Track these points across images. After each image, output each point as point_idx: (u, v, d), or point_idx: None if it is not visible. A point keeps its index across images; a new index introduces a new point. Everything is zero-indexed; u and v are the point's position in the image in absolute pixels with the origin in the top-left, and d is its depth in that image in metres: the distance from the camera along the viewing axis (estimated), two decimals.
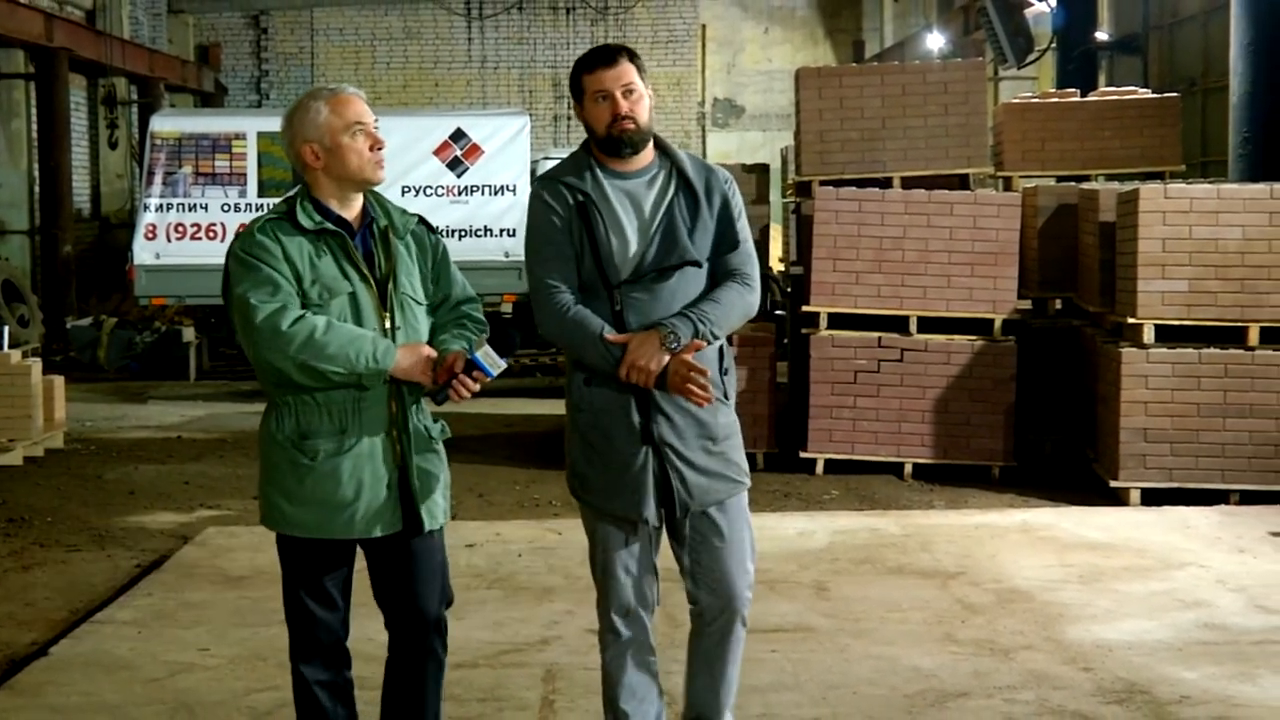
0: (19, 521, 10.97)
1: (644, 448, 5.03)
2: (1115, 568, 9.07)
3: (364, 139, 4.82)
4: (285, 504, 4.81)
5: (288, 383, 4.71)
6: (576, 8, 36.32)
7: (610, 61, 5.07)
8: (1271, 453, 10.99)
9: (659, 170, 5.18)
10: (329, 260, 4.78)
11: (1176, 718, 6.45)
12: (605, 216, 5.04)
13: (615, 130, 5.03)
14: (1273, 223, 11.02)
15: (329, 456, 4.75)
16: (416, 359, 4.76)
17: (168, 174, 18.76)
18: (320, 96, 4.85)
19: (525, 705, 6.64)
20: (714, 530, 5.13)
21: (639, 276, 5.01)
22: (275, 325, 4.61)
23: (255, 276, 4.70)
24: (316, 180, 4.87)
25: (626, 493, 5.08)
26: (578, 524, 10.41)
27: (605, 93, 5.03)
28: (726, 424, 5.16)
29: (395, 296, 4.85)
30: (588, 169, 5.13)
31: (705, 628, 5.22)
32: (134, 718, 6.57)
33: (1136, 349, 11.13)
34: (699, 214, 5.09)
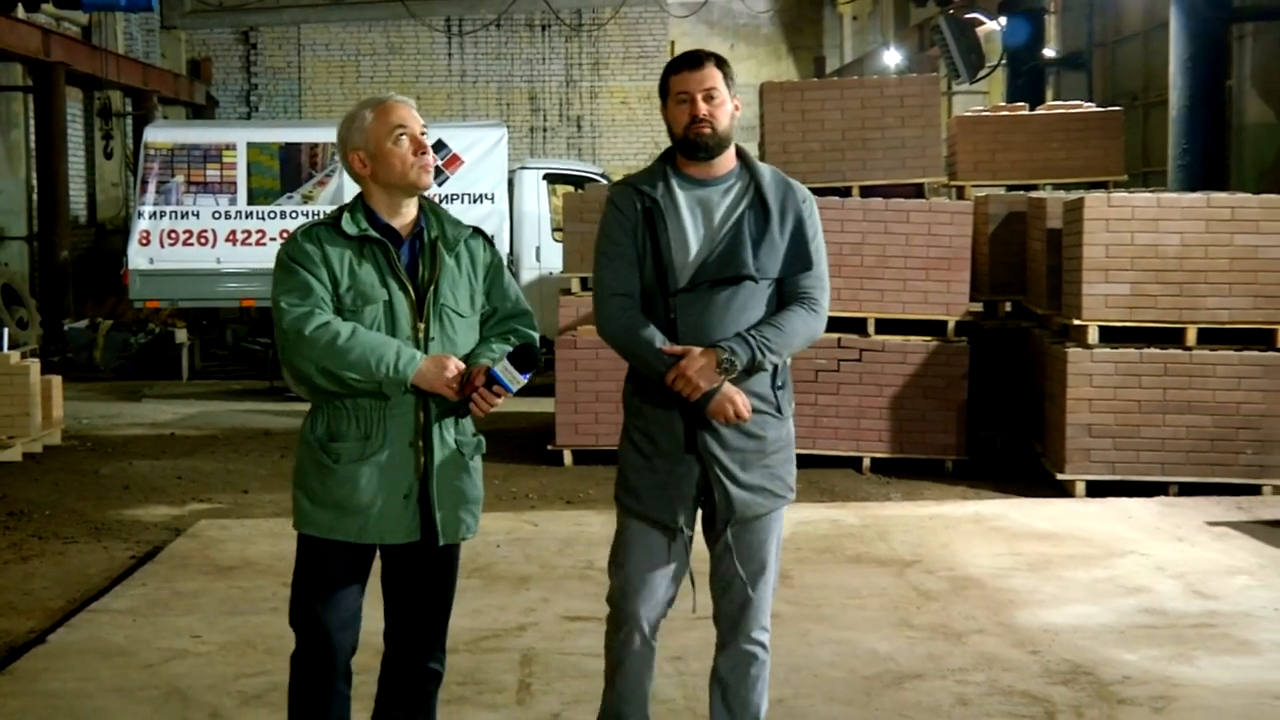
0: (18, 515, 10.94)
1: (688, 457, 4.82)
2: (1061, 556, 9.10)
3: (408, 143, 4.63)
4: (306, 502, 4.66)
5: (317, 387, 4.56)
6: (551, 25, 36.28)
7: (696, 65, 4.89)
8: (1208, 447, 11.05)
9: (736, 181, 4.93)
10: (369, 268, 4.60)
11: (1118, 697, 6.49)
12: (671, 223, 4.84)
13: (691, 132, 4.82)
14: (1209, 230, 11.07)
15: (351, 461, 4.58)
16: (440, 372, 4.52)
17: (161, 183, 18.71)
18: (367, 105, 4.71)
19: (503, 688, 6.65)
20: (749, 543, 4.91)
21: (695, 285, 4.79)
22: (299, 329, 4.47)
23: (291, 281, 4.56)
24: (368, 189, 4.71)
25: (666, 499, 4.85)
26: (554, 516, 10.48)
27: (687, 94, 4.84)
28: (777, 438, 4.91)
29: (434, 307, 4.63)
30: (662, 176, 4.92)
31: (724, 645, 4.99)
32: (129, 702, 6.55)
33: (1081, 349, 11.18)
34: (768, 230, 4.83)
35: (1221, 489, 10.97)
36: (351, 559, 4.67)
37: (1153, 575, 8.62)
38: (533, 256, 18.81)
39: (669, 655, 6.48)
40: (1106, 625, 7.60)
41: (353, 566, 4.69)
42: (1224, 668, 6.90)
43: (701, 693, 5.04)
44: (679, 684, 6.51)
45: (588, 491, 11.43)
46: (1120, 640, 7.33)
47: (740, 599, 4.91)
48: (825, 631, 7.44)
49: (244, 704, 6.48)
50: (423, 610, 4.79)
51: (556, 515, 10.47)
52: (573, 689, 6.64)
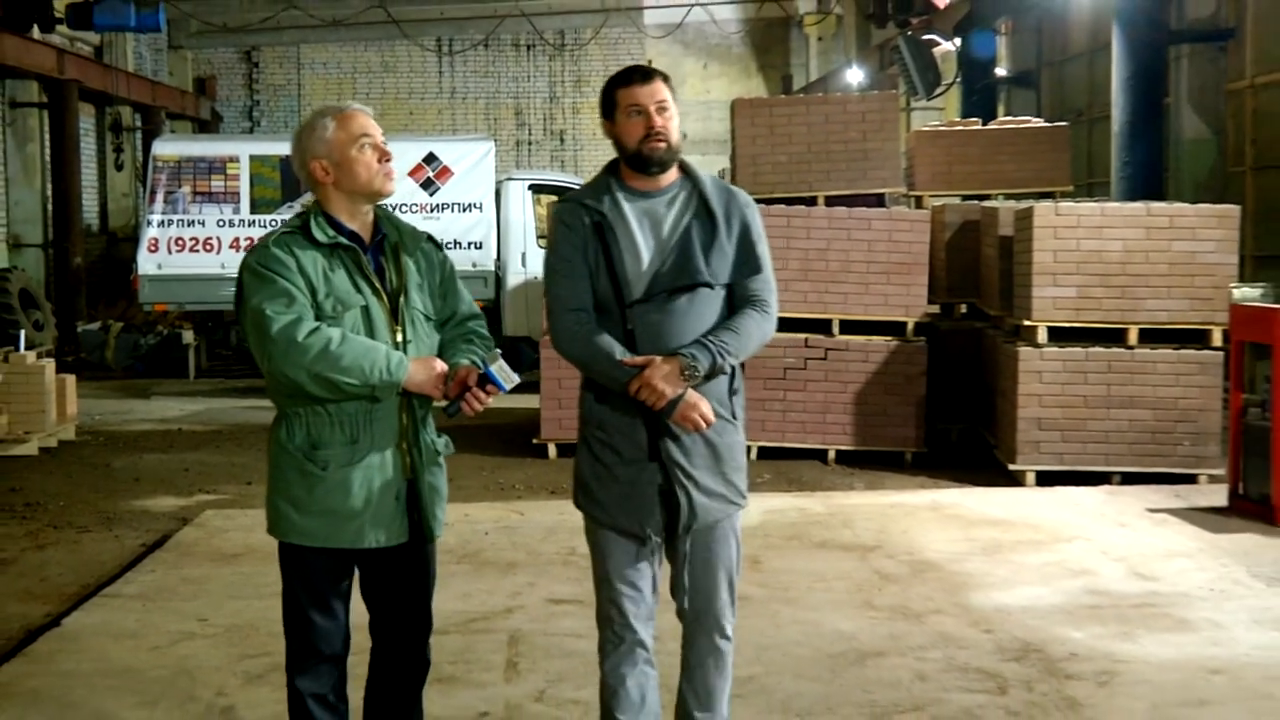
0: (34, 505, 10.91)
1: (651, 465, 4.57)
2: (1013, 541, 9.12)
3: (372, 151, 4.42)
4: (293, 513, 4.40)
5: (300, 394, 4.30)
6: (536, 45, 36.34)
7: (647, 78, 4.62)
8: (1149, 439, 11.08)
9: (680, 191, 4.66)
10: (342, 274, 4.38)
11: (1066, 673, 6.50)
12: (621, 236, 4.57)
13: (647, 147, 4.55)
14: (1149, 237, 11.10)
15: (340, 467, 4.35)
16: (429, 372, 4.36)
17: (168, 193, 18.69)
18: (327, 113, 4.46)
19: (491, 666, 6.65)
20: (707, 548, 4.69)
21: (651, 296, 4.54)
22: (291, 337, 4.21)
23: (271, 289, 4.29)
24: (328, 196, 4.46)
25: (632, 508, 4.60)
26: (539, 505, 10.46)
27: (640, 107, 4.56)
28: (732, 444, 4.70)
29: (406, 311, 4.45)
30: (607, 190, 4.65)
31: (691, 640, 4.79)
32: (139, 682, 6.53)
33: (1031, 348, 11.20)
34: (716, 236, 4.59)
35: (1161, 478, 10.99)
36: (339, 564, 4.49)
37: (1097, 559, 8.64)
38: (519, 262, 18.79)
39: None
40: (1055, 605, 7.61)
41: (341, 571, 4.51)
42: (1163, 644, 6.92)
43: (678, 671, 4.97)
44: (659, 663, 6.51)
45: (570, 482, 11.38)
46: (1068, 619, 7.34)
47: (703, 602, 4.72)
48: (793, 613, 7.45)
49: (248, 683, 6.47)
50: (411, 605, 4.60)
51: (542, 504, 10.47)
52: (557, 668, 6.64)
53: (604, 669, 4.76)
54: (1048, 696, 6.20)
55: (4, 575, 8.83)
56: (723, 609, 4.74)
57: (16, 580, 8.71)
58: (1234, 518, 9.72)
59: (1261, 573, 8.25)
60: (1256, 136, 15.48)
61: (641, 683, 4.73)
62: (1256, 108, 15.45)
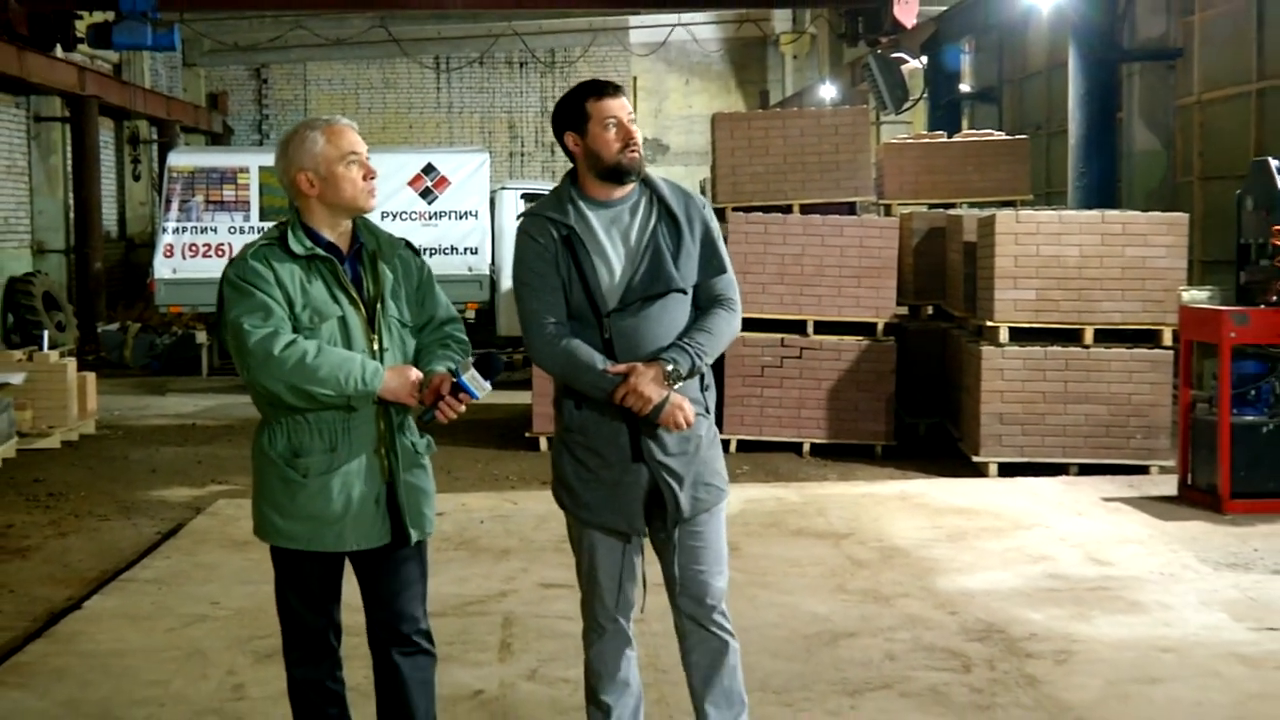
0: (57, 495, 10.89)
1: (636, 465, 4.44)
2: (976, 528, 9.13)
3: (358, 169, 4.27)
4: (277, 517, 4.28)
5: (279, 403, 4.17)
6: (528, 62, 36.34)
7: (618, 91, 4.52)
8: (1103, 432, 11.10)
9: (639, 198, 4.54)
10: (319, 285, 4.22)
11: (1026, 652, 6.51)
12: (591, 248, 4.43)
13: (626, 157, 4.44)
14: (1104, 243, 11.12)
15: (319, 474, 4.21)
16: (404, 381, 4.20)
17: (183, 202, 18.66)
18: (316, 126, 4.31)
19: (487, 647, 6.64)
20: (696, 538, 4.56)
21: (626, 304, 4.41)
22: (268, 349, 4.08)
23: (249, 302, 4.14)
24: (309, 207, 4.30)
25: (619, 507, 4.48)
26: (532, 495, 10.44)
27: (616, 119, 4.43)
28: (707, 434, 4.57)
29: (383, 319, 4.30)
30: (569, 202, 4.51)
31: (688, 636, 4.65)
32: (155, 661, 6.53)
33: (994, 347, 11.21)
34: (682, 240, 4.47)
35: (1115, 469, 11.02)
36: (326, 565, 4.36)
37: (1055, 545, 8.65)
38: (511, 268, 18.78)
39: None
40: (1015, 589, 7.62)
41: (329, 572, 4.38)
42: (1117, 625, 6.93)
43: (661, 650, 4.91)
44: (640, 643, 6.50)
45: None
46: (1027, 602, 7.35)
47: (705, 591, 4.58)
48: (770, 596, 7.45)
49: (257, 662, 6.46)
50: (402, 600, 4.43)
51: (534, 495, 10.45)
52: (548, 648, 6.64)
53: (588, 655, 4.69)
54: (1009, 674, 6.20)
55: (29, 561, 8.81)
56: (719, 596, 4.61)
57: (41, 565, 8.69)
58: (1183, 506, 9.73)
59: (1209, 558, 8.26)
60: (1203, 149, 15.52)
61: (624, 666, 4.66)
62: (1203, 122, 15.49)
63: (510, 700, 5.94)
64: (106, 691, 6.12)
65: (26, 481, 11.50)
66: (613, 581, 4.58)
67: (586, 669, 4.71)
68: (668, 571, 4.60)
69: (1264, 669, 6.25)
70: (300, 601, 4.39)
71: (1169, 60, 15.89)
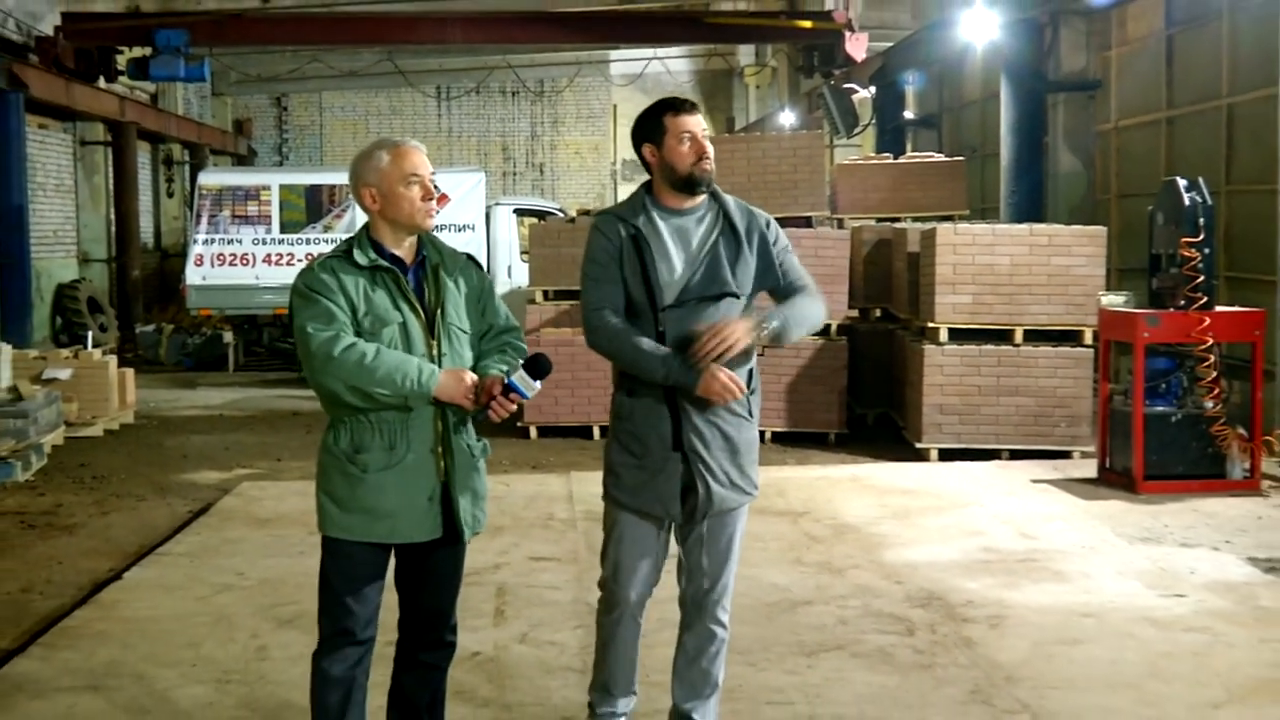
0: (100, 478, 10.85)
1: (675, 455, 4.33)
2: (919, 507, 9.15)
3: (418, 189, 4.10)
4: (335, 509, 4.10)
5: (340, 402, 4.02)
6: (520, 92, 36.31)
7: (693, 109, 4.42)
8: (1032, 422, 11.12)
9: (707, 211, 4.43)
10: (382, 294, 4.07)
11: (963, 617, 6.53)
12: (656, 248, 4.33)
13: (698, 169, 4.33)
14: (1032, 253, 11.14)
15: (378, 470, 4.04)
16: (458, 383, 4.03)
17: (211, 216, 18.63)
18: (385, 146, 4.15)
19: (483, 614, 6.63)
20: (719, 534, 4.45)
21: (682, 302, 4.30)
22: (328, 352, 3.94)
23: (314, 309, 4.01)
24: (375, 222, 4.16)
25: (656, 494, 4.35)
26: (522, 479, 10.42)
27: (692, 134, 4.32)
28: (749, 440, 4.48)
29: (443, 326, 4.12)
30: (643, 207, 4.41)
31: (687, 623, 4.56)
32: (187, 625, 6.52)
33: (934, 346, 11.23)
34: (740, 251, 4.36)
35: (1042, 454, 11.04)
36: (375, 557, 4.16)
37: (989, 521, 8.67)
38: (505, 274, 18.83)
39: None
40: (954, 561, 7.64)
41: (377, 564, 4.18)
42: (1043, 593, 6.95)
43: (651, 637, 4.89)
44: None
45: (549, 459, 11.40)
46: (964, 572, 7.37)
47: (707, 585, 4.48)
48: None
49: (278, 627, 6.44)
50: (440, 596, 4.28)
51: (524, 478, 10.44)
52: (537, 614, 6.64)
53: (600, 622, 4.59)
54: (948, 637, 6.22)
55: (75, 537, 8.78)
56: (724, 590, 4.51)
57: (85, 541, 8.67)
58: (1102, 487, 9.78)
59: (1124, 533, 8.30)
60: (1119, 170, 15.56)
61: (630, 639, 4.56)
62: (1119, 146, 15.52)
63: (504, 661, 5.94)
64: (144, 653, 6.10)
65: (73, 465, 11.45)
66: (631, 562, 4.45)
67: (598, 634, 4.59)
68: (685, 558, 4.50)
69: (1173, 631, 6.28)
70: (344, 588, 4.14)
71: (1089, 91, 15.92)
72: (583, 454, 11.45)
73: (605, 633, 4.58)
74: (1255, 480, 9.52)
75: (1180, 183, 9.84)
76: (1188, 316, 9.54)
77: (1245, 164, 12.40)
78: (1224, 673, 5.68)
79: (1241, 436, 9.58)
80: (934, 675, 5.70)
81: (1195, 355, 9.65)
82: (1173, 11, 14.04)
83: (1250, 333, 9.77)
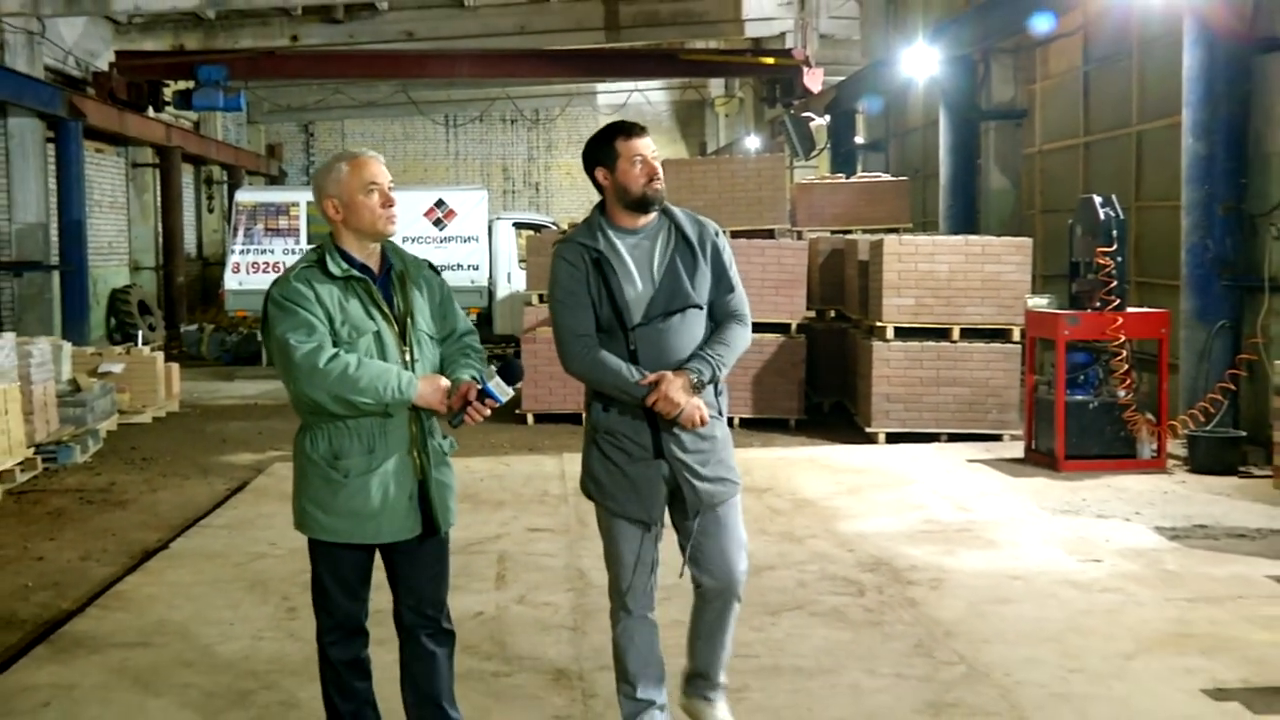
0: (149, 460, 10.81)
1: (657, 462, 4.08)
2: (869, 484, 9.15)
3: (378, 197, 3.81)
4: (319, 513, 3.85)
5: (322, 411, 3.76)
6: (518, 120, 36.37)
7: (644, 131, 4.17)
8: (967, 409, 11.13)
9: (660, 227, 4.15)
10: (355, 303, 3.80)
11: (907, 580, 6.53)
12: (619, 270, 4.05)
13: (650, 189, 4.08)
14: (967, 261, 11.15)
15: (359, 474, 3.80)
16: (435, 389, 3.80)
17: (247, 229, 18.58)
18: (343, 159, 3.87)
19: (485, 578, 6.62)
20: (716, 526, 4.17)
21: (649, 319, 4.04)
22: (313, 363, 3.68)
23: (293, 319, 3.73)
24: (339, 231, 3.87)
25: (641, 499, 4.09)
26: (521, 459, 10.39)
27: (643, 157, 4.08)
28: (722, 436, 4.21)
29: (413, 333, 3.86)
30: (599, 230, 4.11)
31: (708, 605, 4.24)
32: (226, 589, 6.50)
33: (882, 342, 11.23)
34: (696, 263, 4.11)
35: (976, 437, 11.05)
36: (360, 555, 3.94)
37: (930, 496, 8.68)
38: (505, 280, 18.81)
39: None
40: (899, 531, 7.65)
41: (363, 561, 3.95)
42: (977, 558, 6.96)
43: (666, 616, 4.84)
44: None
45: (544, 442, 11.39)
46: (908, 541, 7.37)
47: (722, 570, 4.18)
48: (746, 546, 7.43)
49: (305, 590, 6.32)
50: (431, 587, 4.03)
51: (522, 459, 10.43)
52: (534, 579, 6.62)
53: (615, 632, 4.24)
54: (894, 597, 6.23)
55: (127, 511, 8.74)
56: (741, 571, 4.24)
57: (136, 515, 8.63)
58: (1028, 466, 9.79)
59: (1047, 506, 8.31)
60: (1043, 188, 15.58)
61: (648, 640, 4.21)
62: (1043, 167, 15.54)
63: (504, 619, 5.93)
64: (189, 613, 6.09)
65: (126, 449, 11.41)
66: (636, 564, 4.16)
67: (614, 644, 4.26)
68: (692, 554, 4.20)
69: (1090, 591, 6.30)
70: (337, 588, 3.94)
71: (1016, 119, 15.94)
72: (574, 438, 11.42)
73: (624, 641, 4.23)
74: (1161, 460, 9.55)
75: (1096, 199, 9.87)
76: (1103, 316, 9.57)
77: (1152, 183, 12.43)
78: (1134, 627, 5.69)
79: (1150, 421, 9.62)
80: (882, 631, 5.70)
81: (1109, 350, 9.69)
82: (1090, 50, 14.06)
83: (1157, 330, 9.81)
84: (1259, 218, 9.90)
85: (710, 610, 4.25)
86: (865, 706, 4.80)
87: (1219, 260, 10.03)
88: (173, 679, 5.16)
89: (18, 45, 18.68)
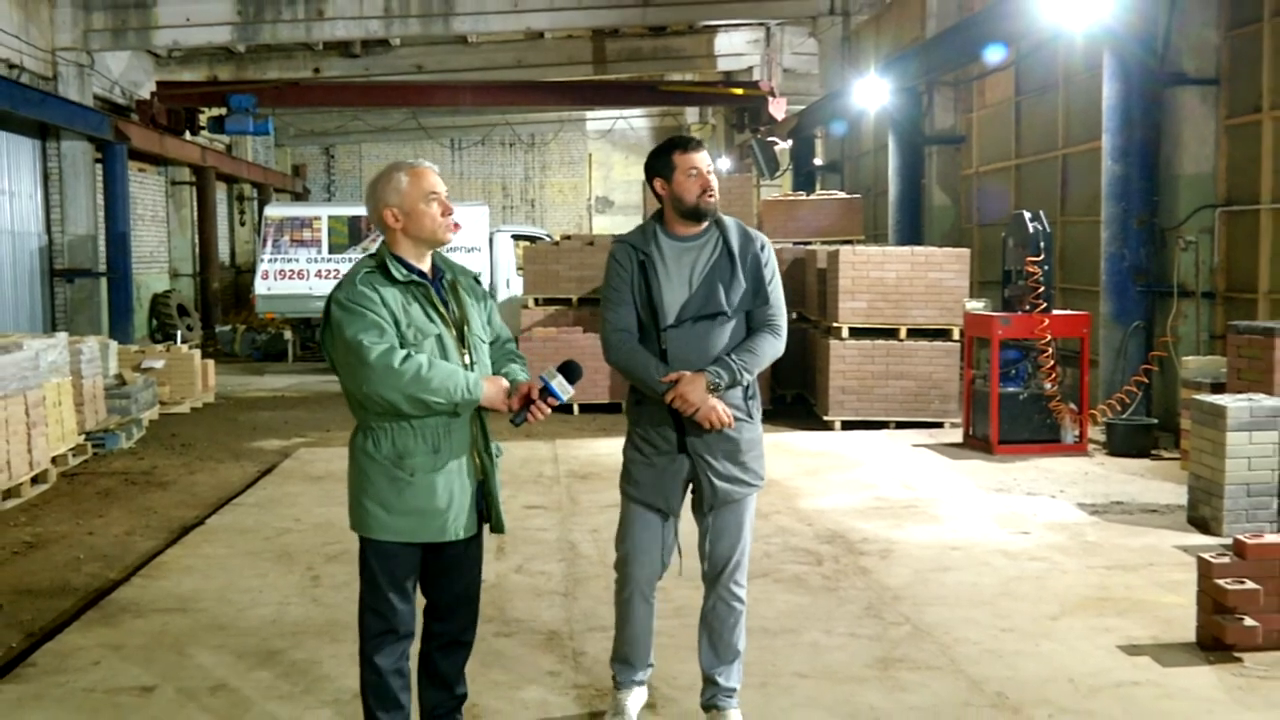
0: (187, 446, 10.76)
1: (681, 456, 3.90)
2: (826, 466, 9.17)
3: (438, 206, 3.55)
4: (382, 513, 3.49)
5: (389, 411, 3.43)
6: (515, 143, 36.25)
7: (700, 146, 3.98)
8: (913, 400, 11.16)
9: (710, 237, 3.94)
10: (417, 307, 3.49)
11: (860, 551, 6.55)
12: (660, 273, 3.88)
13: (703, 201, 3.89)
14: (913, 269, 11.17)
15: (425, 473, 3.47)
16: (498, 389, 3.52)
17: (275, 240, 18.48)
18: (401, 168, 3.57)
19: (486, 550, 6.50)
20: (729, 521, 3.98)
21: (681, 322, 3.85)
22: (388, 363, 3.35)
23: (362, 321, 3.39)
24: (395, 239, 3.55)
25: (661, 490, 3.93)
26: (519, 445, 10.40)
27: (698, 170, 3.89)
28: (751, 439, 3.98)
29: (470, 337, 3.57)
30: (653, 235, 3.95)
31: (710, 604, 4.05)
32: (257, 559, 6.47)
33: (838, 341, 11.25)
34: (734, 274, 3.88)
35: (920, 425, 11.09)
36: (414, 555, 3.57)
37: (880, 476, 8.70)
38: (504, 285, 18.79)
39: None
40: (853, 507, 7.67)
41: (415, 562, 3.58)
42: (922, 532, 6.99)
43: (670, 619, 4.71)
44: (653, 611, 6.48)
45: (538, 429, 11.33)
46: (861, 516, 7.40)
47: (723, 564, 4.00)
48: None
49: (328, 561, 6.41)
50: (474, 584, 3.73)
51: (518, 444, 10.40)
52: (530, 551, 6.62)
53: (616, 601, 4.10)
54: (848, 566, 6.24)
55: (167, 491, 8.70)
56: (739, 567, 4.03)
57: (176, 495, 8.59)
58: (966, 450, 9.83)
59: (984, 485, 8.35)
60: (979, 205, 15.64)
61: (645, 616, 4.07)
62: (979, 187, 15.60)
63: (504, 587, 5.92)
64: (223, 581, 6.07)
65: (166, 436, 11.35)
66: (641, 548, 4.00)
67: (617, 614, 4.11)
68: (702, 543, 4.03)
69: (1020, 560, 6.33)
70: (392, 588, 3.54)
71: (956, 144, 15.98)
72: (565, 426, 11.42)
73: (621, 611, 4.08)
74: (1083, 444, 9.60)
75: (1026, 215, 9.91)
76: (1032, 318, 9.61)
77: (1076, 200, 12.49)
78: (1059, 592, 5.72)
79: (1072, 410, 9.66)
80: (838, 596, 5.72)
81: (1038, 348, 9.73)
82: (1021, 83, 14.11)
83: (1079, 330, 9.86)
84: (1169, 231, 9.96)
85: (714, 613, 4.05)
86: (823, 662, 4.82)
87: (1134, 269, 10.09)
88: (208, 640, 5.15)
89: (69, 76, 18.61)
